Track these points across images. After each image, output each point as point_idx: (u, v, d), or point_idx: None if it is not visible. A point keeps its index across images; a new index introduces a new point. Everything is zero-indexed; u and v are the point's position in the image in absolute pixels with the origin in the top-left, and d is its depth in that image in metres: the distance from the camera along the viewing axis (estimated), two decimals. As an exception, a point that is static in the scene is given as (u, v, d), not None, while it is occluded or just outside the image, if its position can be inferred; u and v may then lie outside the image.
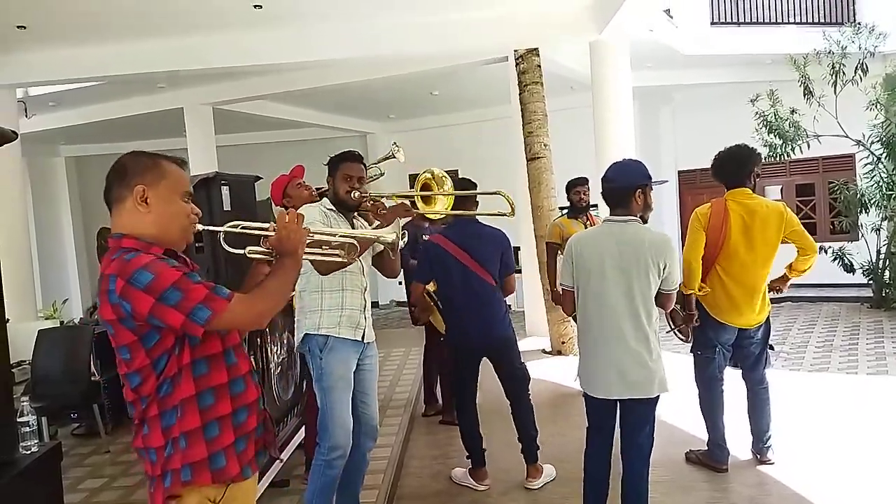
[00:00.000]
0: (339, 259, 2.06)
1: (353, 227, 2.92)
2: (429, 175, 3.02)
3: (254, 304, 1.68)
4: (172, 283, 1.56)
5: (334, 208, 2.92)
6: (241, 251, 1.85)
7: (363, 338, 2.91)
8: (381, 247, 2.76)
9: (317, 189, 3.69)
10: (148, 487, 1.69)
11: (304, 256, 1.87)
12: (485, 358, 3.81)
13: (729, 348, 3.78)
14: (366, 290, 2.96)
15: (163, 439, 1.64)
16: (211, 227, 1.83)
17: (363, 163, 3.00)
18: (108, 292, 1.57)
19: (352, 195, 2.89)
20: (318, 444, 2.83)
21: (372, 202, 2.95)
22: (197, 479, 1.65)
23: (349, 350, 2.87)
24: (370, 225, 2.97)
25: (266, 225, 1.84)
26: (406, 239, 2.52)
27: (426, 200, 3.07)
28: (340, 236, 2.10)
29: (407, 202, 3.00)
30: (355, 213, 3.00)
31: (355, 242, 2.08)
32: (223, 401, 1.70)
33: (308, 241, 1.87)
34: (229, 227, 1.83)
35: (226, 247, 1.84)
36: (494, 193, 3.21)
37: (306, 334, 2.84)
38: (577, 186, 5.11)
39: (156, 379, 1.62)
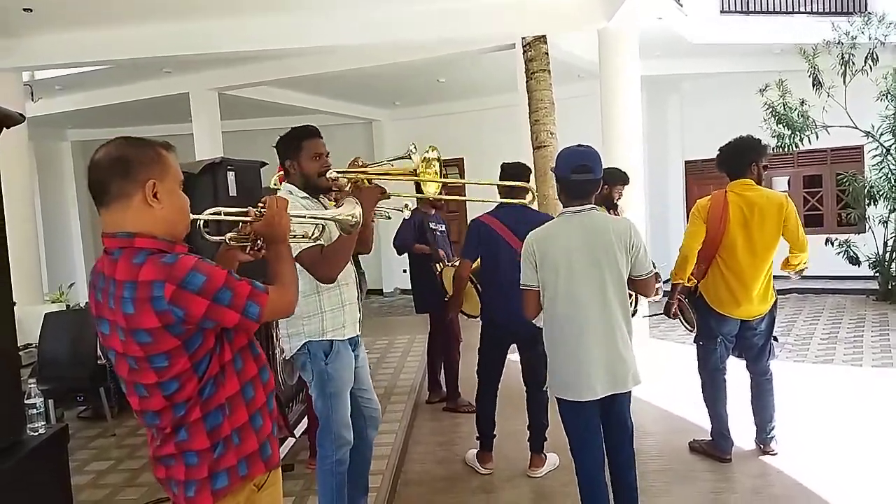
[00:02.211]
0: (310, 243, 2.02)
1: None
2: (425, 155, 2.78)
3: (286, 294, 1.69)
4: (223, 283, 1.52)
5: (308, 195, 2.65)
6: (219, 238, 1.79)
7: (360, 329, 2.84)
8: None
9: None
10: (181, 491, 1.61)
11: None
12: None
13: (731, 339, 3.78)
14: (356, 277, 2.85)
15: (209, 441, 1.59)
16: (193, 216, 1.71)
17: (321, 136, 2.73)
18: (153, 299, 1.47)
19: (328, 175, 2.60)
20: (319, 447, 2.75)
21: (350, 184, 2.64)
22: (252, 471, 1.66)
23: (349, 350, 2.78)
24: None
25: (245, 210, 1.78)
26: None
27: (421, 180, 2.83)
28: (310, 217, 2.05)
29: (381, 187, 2.65)
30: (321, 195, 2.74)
31: (327, 225, 2.03)
32: (259, 391, 1.70)
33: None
34: (210, 213, 1.75)
35: (206, 235, 1.76)
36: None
37: (309, 341, 2.67)
38: (620, 185, 4.54)
39: (198, 381, 1.57)
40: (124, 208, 1.54)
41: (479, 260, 3.88)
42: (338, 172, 2.64)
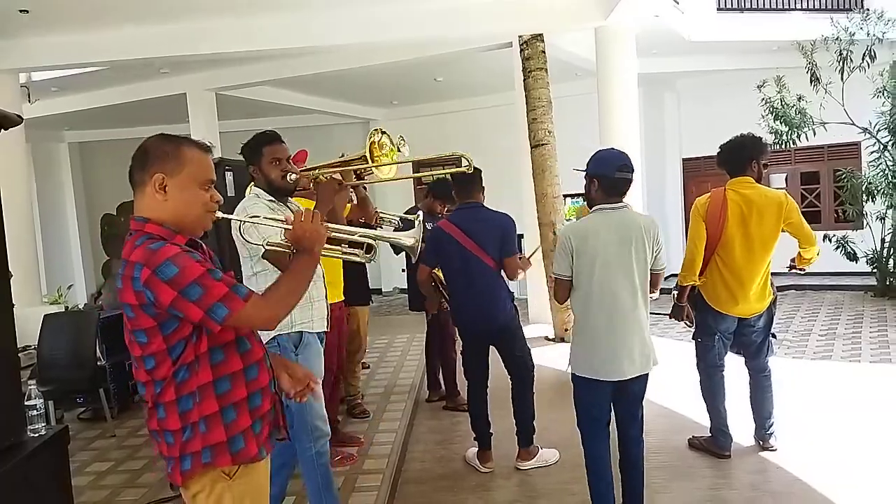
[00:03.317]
0: (358, 259, 2.04)
1: (292, 213, 2.74)
2: (373, 140, 2.86)
3: (268, 307, 1.69)
4: (195, 278, 1.59)
5: (273, 198, 2.71)
6: (258, 244, 1.87)
7: (328, 325, 2.87)
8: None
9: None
10: (165, 467, 1.74)
11: (326, 253, 1.91)
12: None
13: (729, 336, 3.78)
14: (323, 275, 2.87)
15: (180, 423, 1.68)
16: (231, 217, 1.83)
17: (283, 140, 2.80)
18: (133, 279, 1.60)
19: (288, 178, 2.71)
20: (297, 442, 2.73)
21: (313, 181, 2.76)
22: (217, 461, 1.70)
23: (318, 342, 2.81)
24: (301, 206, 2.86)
25: (282, 217, 1.87)
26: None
27: (375, 163, 2.88)
28: (360, 236, 2.07)
29: (337, 177, 2.80)
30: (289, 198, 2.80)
31: (374, 242, 2.05)
32: (239, 386, 1.74)
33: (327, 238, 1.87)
34: (251, 217, 1.88)
35: (247, 237, 1.88)
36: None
37: (278, 335, 2.67)
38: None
39: (171, 364, 1.66)
40: (141, 195, 1.71)
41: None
42: (296, 174, 2.74)
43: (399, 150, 3.20)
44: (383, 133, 2.83)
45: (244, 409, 1.74)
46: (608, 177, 2.88)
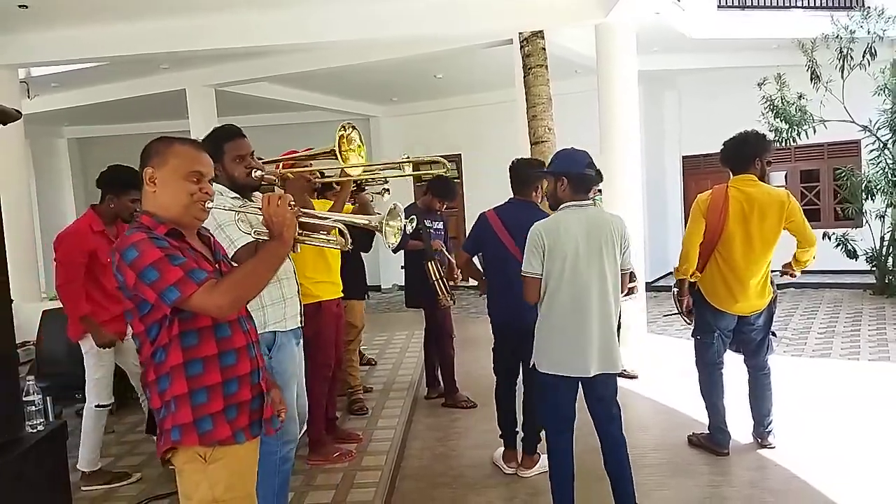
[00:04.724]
0: (335, 247, 2.02)
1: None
2: (341, 133, 2.76)
3: (220, 291, 1.69)
4: (151, 262, 1.67)
5: (238, 196, 2.56)
6: (248, 233, 1.89)
7: (302, 322, 2.82)
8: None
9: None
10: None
11: (306, 241, 1.92)
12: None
13: (728, 334, 3.79)
14: (294, 272, 2.82)
15: (159, 402, 1.79)
16: (219, 208, 1.89)
17: (244, 135, 2.63)
18: (112, 263, 1.76)
19: (253, 175, 2.57)
20: (263, 443, 2.66)
21: (281, 178, 2.72)
22: (184, 440, 1.76)
23: (293, 343, 2.76)
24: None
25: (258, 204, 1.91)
26: (414, 224, 2.28)
27: (343, 158, 2.81)
28: (333, 221, 2.03)
29: (307, 175, 2.76)
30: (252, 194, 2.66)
31: (344, 228, 1.98)
32: (212, 371, 1.78)
33: (300, 224, 1.88)
34: (236, 209, 1.93)
35: (240, 226, 1.92)
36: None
37: None
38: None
39: (150, 345, 1.76)
40: (144, 191, 1.86)
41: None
42: (261, 170, 2.62)
43: (401, 168, 3.07)
44: (353, 128, 2.80)
45: (217, 393, 1.79)
46: (578, 173, 2.91)
